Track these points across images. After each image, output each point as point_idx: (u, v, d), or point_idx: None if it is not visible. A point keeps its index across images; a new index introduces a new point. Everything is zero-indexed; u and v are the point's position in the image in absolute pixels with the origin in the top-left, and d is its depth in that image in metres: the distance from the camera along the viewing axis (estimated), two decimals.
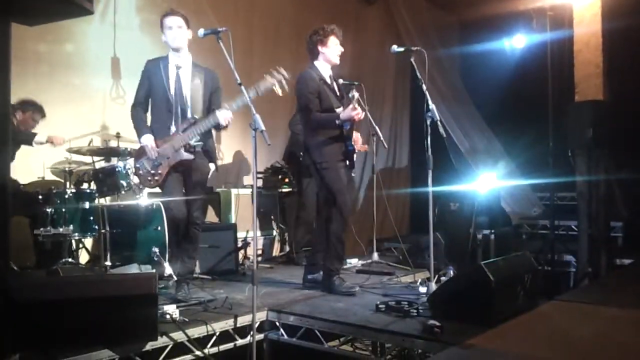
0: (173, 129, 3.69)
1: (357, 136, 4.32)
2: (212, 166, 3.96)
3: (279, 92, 3.57)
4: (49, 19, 1.91)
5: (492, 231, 5.75)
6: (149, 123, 3.79)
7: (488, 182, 6.18)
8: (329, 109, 4.08)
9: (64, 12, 1.80)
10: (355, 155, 4.31)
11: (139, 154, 3.74)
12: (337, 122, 3.97)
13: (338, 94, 4.24)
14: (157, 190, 4.01)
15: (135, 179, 4.20)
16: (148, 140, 3.66)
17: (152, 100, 3.75)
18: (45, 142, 4.46)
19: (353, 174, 4.45)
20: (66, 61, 5.05)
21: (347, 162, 4.18)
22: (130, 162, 4.25)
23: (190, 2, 5.99)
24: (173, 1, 5.82)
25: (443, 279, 4.20)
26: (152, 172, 3.68)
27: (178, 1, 5.88)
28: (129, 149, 4.54)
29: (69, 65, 5.05)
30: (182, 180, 3.80)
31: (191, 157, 3.70)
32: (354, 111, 3.86)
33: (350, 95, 3.95)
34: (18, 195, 4.22)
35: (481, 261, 4.06)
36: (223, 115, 3.62)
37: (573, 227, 6.47)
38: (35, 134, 4.43)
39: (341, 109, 4.11)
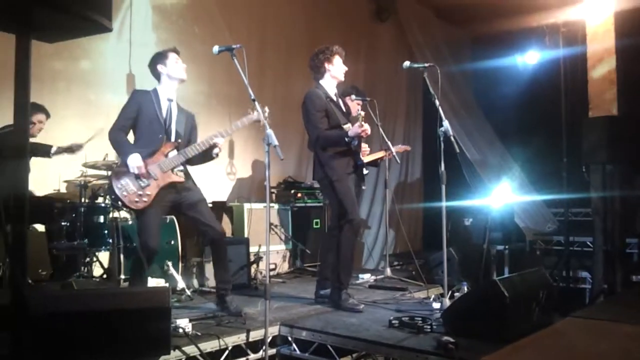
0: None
1: (365, 147, 4.42)
2: None
3: (262, 123, 3.55)
4: (68, 36, 1.95)
5: (506, 247, 5.71)
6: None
7: (502, 197, 6.15)
8: (336, 126, 4.15)
9: (83, 29, 1.83)
10: (365, 170, 4.36)
11: (118, 174, 3.60)
12: (346, 139, 4.04)
13: (344, 110, 4.33)
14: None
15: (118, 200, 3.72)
16: (136, 160, 3.54)
17: (141, 127, 3.69)
18: (63, 152, 4.51)
19: (363, 187, 4.50)
20: (82, 77, 5.14)
21: (357, 176, 4.28)
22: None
23: (205, 17, 6.10)
24: (188, 18, 5.95)
25: (457, 294, 4.17)
26: (140, 193, 3.55)
27: (194, 18, 6.01)
28: None
29: (85, 82, 5.14)
30: (168, 208, 3.78)
31: (182, 179, 3.71)
32: (361, 128, 3.93)
33: (357, 113, 3.98)
34: (35, 208, 4.26)
35: (495, 277, 4.03)
36: (218, 140, 3.74)
37: (588, 243, 6.40)
38: (51, 147, 4.48)
39: (348, 125, 4.18)
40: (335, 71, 4.23)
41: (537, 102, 7.76)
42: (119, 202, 3.65)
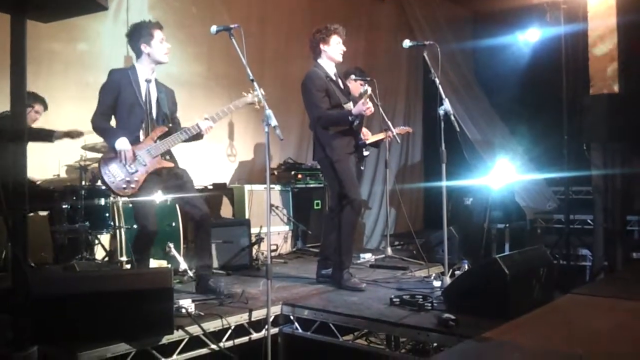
0: (142, 137, 3.61)
1: (365, 131, 4.40)
2: None
3: (257, 106, 3.73)
4: (63, 15, 1.93)
5: (507, 225, 5.72)
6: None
7: (502, 177, 6.15)
8: (337, 105, 4.12)
9: (78, 8, 1.82)
10: (365, 150, 4.36)
11: (106, 160, 3.52)
12: (349, 118, 3.99)
13: (344, 89, 4.28)
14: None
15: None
16: (124, 144, 3.47)
17: (121, 110, 3.60)
18: (63, 137, 4.49)
19: (362, 168, 4.50)
20: (80, 60, 5.10)
21: (357, 157, 4.27)
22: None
23: None
24: None
25: (457, 273, 4.18)
26: (127, 179, 3.49)
27: None
28: None
29: (82, 64, 5.10)
30: (158, 191, 3.77)
31: (171, 164, 3.69)
32: (365, 106, 3.86)
33: (362, 90, 3.94)
34: (35, 193, 4.26)
35: (496, 255, 4.04)
36: (205, 125, 3.70)
37: (589, 221, 6.41)
38: (54, 131, 4.45)
39: (349, 104, 4.14)
40: (331, 52, 4.16)
41: (539, 79, 7.70)
42: (108, 189, 3.63)
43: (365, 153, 4.44)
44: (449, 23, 8.59)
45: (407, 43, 4.08)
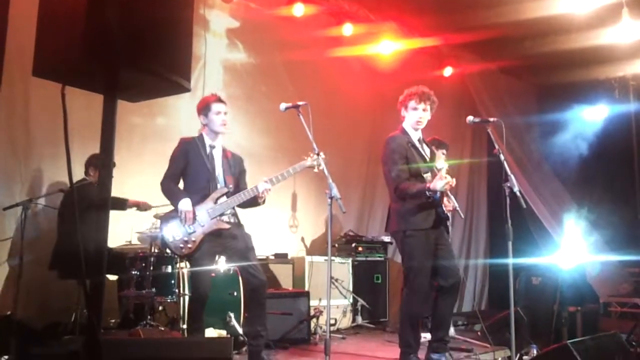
0: (205, 198, 3.75)
1: (446, 201, 3.92)
2: None
3: (316, 169, 3.79)
4: (151, 96, 2.09)
5: (579, 308, 5.41)
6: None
7: (572, 255, 5.89)
8: (416, 174, 3.80)
9: (165, 89, 1.97)
10: (449, 222, 4.00)
11: (168, 218, 3.72)
12: (427, 193, 3.65)
13: (428, 158, 3.93)
14: None
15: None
16: (187, 205, 3.64)
17: (190, 175, 3.82)
18: (133, 206, 4.80)
19: (449, 240, 4.06)
20: (157, 132, 5.43)
21: (440, 227, 3.86)
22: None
23: (272, 76, 6.36)
24: (257, 76, 6.23)
25: (525, 358, 3.97)
26: (185, 239, 3.62)
27: (261, 76, 6.28)
28: None
29: (160, 136, 5.41)
30: (216, 254, 3.88)
31: (227, 225, 3.74)
32: (442, 181, 3.55)
33: (437, 165, 3.67)
34: (109, 260, 4.44)
35: (567, 340, 3.82)
36: (263, 186, 3.78)
37: None
38: (127, 200, 4.72)
39: (429, 175, 3.81)
40: (408, 117, 3.91)
41: (608, 156, 7.49)
42: (166, 247, 3.78)
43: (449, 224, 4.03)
44: (512, 97, 8.56)
45: (470, 119, 4.07)
